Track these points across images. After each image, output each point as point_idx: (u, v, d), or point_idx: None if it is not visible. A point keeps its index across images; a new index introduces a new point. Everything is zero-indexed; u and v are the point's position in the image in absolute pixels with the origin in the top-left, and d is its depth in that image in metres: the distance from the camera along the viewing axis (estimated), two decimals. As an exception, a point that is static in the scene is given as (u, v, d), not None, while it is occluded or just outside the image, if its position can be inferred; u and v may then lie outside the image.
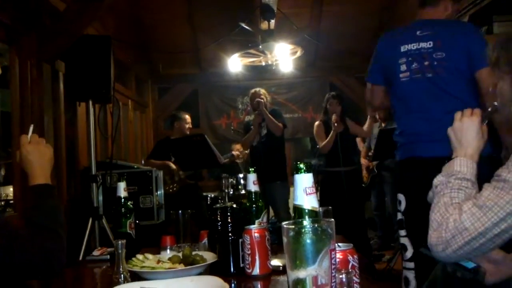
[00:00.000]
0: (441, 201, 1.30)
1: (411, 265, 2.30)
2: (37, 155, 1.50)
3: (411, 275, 2.30)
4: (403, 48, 2.38)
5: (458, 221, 1.22)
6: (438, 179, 1.36)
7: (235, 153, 5.26)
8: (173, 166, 4.65)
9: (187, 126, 4.98)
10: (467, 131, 1.38)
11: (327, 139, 4.63)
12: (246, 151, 5.67)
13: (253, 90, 4.85)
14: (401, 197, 2.34)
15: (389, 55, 2.46)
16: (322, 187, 4.70)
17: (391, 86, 2.47)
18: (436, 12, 2.39)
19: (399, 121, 2.49)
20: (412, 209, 2.26)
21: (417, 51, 2.33)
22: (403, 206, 2.32)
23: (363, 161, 5.45)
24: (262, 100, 4.60)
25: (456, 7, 2.51)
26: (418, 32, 2.36)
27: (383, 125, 5.44)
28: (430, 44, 2.31)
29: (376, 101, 2.62)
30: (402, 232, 2.35)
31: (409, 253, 2.31)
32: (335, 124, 4.50)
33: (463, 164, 1.34)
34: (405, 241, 2.33)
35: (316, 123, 4.88)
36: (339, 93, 5.04)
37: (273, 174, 4.44)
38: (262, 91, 4.81)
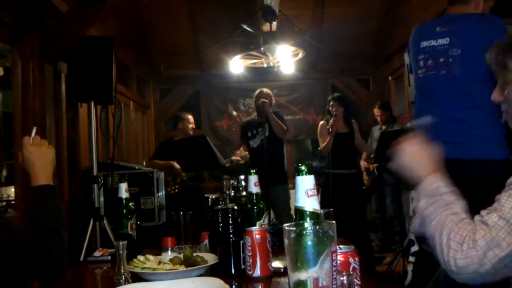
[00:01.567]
0: (445, 221, 1.19)
1: (413, 259, 2.31)
2: (39, 156, 1.51)
3: (410, 268, 2.30)
4: (422, 44, 2.36)
5: (487, 237, 1.10)
6: (423, 204, 1.28)
7: (234, 158, 5.23)
8: (177, 166, 4.64)
9: (190, 126, 4.99)
10: (409, 158, 1.36)
11: (326, 142, 4.64)
12: (247, 153, 5.66)
13: (259, 90, 4.82)
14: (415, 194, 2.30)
15: (412, 50, 2.45)
16: (324, 189, 4.70)
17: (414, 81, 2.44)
18: (467, 9, 2.32)
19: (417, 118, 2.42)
20: None
21: (434, 48, 2.30)
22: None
23: (363, 163, 5.46)
24: (267, 101, 4.59)
25: (489, 4, 2.41)
26: (437, 28, 2.32)
27: (383, 127, 5.45)
28: (447, 40, 2.27)
29: None
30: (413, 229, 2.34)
31: (414, 248, 2.30)
32: (330, 129, 4.52)
33: (433, 181, 1.29)
34: (414, 237, 2.30)
35: (321, 122, 4.90)
36: (341, 95, 5.05)
37: (273, 177, 4.41)
38: (268, 91, 4.79)
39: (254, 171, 1.72)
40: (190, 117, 5.03)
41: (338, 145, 4.58)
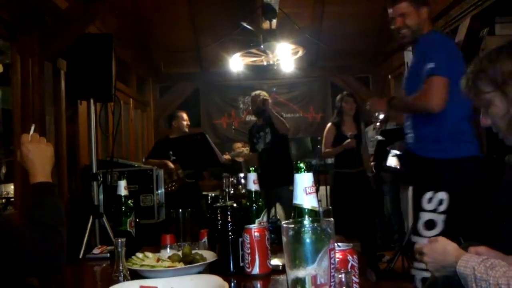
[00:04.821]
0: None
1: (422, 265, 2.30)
2: (38, 154, 1.50)
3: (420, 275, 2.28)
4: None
5: None
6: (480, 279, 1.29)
7: (226, 157, 5.18)
8: (171, 165, 4.64)
9: (185, 123, 4.99)
10: (441, 252, 1.42)
11: (333, 149, 4.62)
12: (246, 151, 5.66)
13: (253, 93, 4.82)
14: (443, 195, 2.28)
15: (459, 55, 2.47)
16: (333, 188, 4.71)
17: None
18: None
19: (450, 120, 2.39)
20: (457, 207, 2.25)
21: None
22: (445, 205, 2.27)
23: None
24: (268, 98, 4.58)
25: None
26: None
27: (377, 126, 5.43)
28: None
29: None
30: (429, 233, 2.27)
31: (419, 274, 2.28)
32: (346, 146, 4.51)
33: (471, 260, 1.32)
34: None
35: (328, 125, 4.85)
36: (352, 93, 5.04)
37: (280, 178, 4.34)
38: (263, 93, 4.79)
39: (253, 168, 1.71)
40: (185, 115, 5.03)
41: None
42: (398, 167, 2.66)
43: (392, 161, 2.67)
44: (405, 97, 2.56)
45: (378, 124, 2.68)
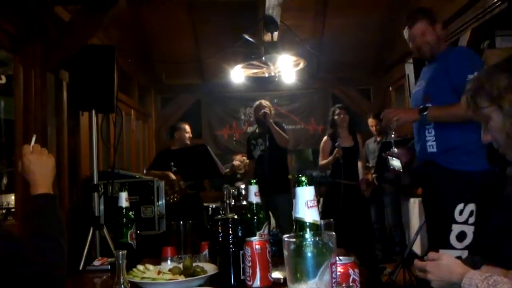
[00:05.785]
0: None
1: None
2: (39, 165, 1.51)
3: None
4: None
5: None
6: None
7: (235, 163, 5.26)
8: (173, 176, 4.64)
9: (187, 135, 5.00)
10: (446, 270, 1.41)
11: (327, 160, 4.67)
12: (247, 161, 5.67)
13: (257, 102, 4.83)
14: (473, 207, 2.32)
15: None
16: (327, 198, 4.72)
17: None
18: None
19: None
20: (485, 218, 2.23)
21: None
22: (474, 217, 2.30)
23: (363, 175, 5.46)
24: (268, 112, 4.60)
25: None
26: None
27: (378, 139, 5.45)
28: None
29: None
30: (461, 244, 2.30)
31: None
32: (337, 155, 4.54)
33: (474, 278, 1.33)
34: (462, 253, 2.27)
35: (324, 138, 4.92)
36: (345, 105, 5.08)
37: (275, 186, 4.38)
38: (267, 103, 4.82)
39: (254, 181, 1.71)
40: (187, 127, 5.04)
41: (343, 159, 4.59)
42: (401, 170, 2.66)
43: (395, 163, 2.66)
44: (448, 105, 2.46)
45: (393, 134, 2.66)
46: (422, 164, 2.62)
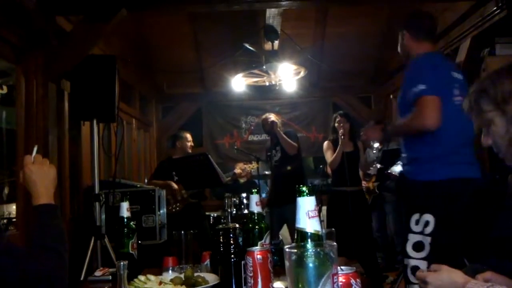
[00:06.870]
0: None
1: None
2: (41, 175, 1.51)
3: None
4: (453, 74, 2.48)
5: None
6: None
7: (237, 171, 5.26)
8: (175, 186, 4.64)
9: (189, 144, 5.00)
10: (447, 281, 1.40)
11: (334, 154, 4.63)
12: (249, 169, 5.67)
13: (264, 116, 4.98)
14: (429, 217, 2.29)
15: (444, 74, 2.48)
16: (329, 207, 4.69)
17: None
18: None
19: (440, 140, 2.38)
20: (443, 229, 2.24)
21: (460, 80, 2.48)
22: (430, 228, 2.28)
23: (363, 183, 5.44)
24: (276, 121, 4.67)
25: None
26: (450, 62, 2.54)
27: (379, 146, 5.43)
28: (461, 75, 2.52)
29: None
30: (418, 254, 2.30)
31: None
32: (342, 137, 4.52)
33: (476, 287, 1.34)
34: (419, 263, 2.28)
35: (326, 142, 4.92)
36: (346, 112, 5.09)
37: (286, 197, 4.34)
38: (272, 115, 4.92)
39: (255, 190, 1.71)
40: (188, 136, 5.05)
41: (343, 163, 4.58)
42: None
43: (395, 169, 2.69)
44: (398, 121, 2.57)
45: (375, 151, 2.70)
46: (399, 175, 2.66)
